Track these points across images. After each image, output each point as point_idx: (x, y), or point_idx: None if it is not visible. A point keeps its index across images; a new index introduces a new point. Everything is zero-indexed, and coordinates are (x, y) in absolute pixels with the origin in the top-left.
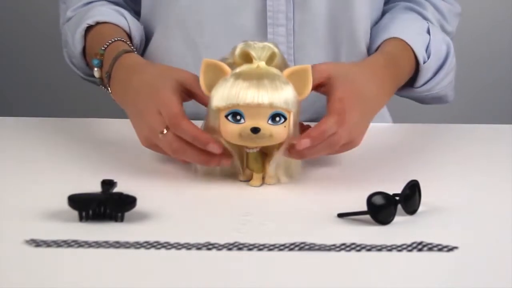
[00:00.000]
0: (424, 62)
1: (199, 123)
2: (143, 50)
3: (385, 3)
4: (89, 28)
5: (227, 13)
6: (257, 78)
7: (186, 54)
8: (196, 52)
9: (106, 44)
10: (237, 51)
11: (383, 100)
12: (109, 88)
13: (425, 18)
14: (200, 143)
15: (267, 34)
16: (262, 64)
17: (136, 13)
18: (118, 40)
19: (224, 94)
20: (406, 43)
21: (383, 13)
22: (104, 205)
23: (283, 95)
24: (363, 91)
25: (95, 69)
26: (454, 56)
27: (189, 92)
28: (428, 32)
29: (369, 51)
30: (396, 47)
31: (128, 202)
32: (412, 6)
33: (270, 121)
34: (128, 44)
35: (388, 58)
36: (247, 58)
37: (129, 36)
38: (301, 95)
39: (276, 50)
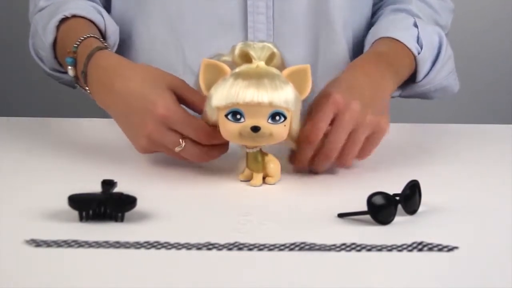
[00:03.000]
0: (419, 53)
1: None
2: (125, 39)
3: (373, 15)
4: (63, 21)
5: (208, 0)
6: (256, 77)
7: (168, 42)
8: (177, 39)
9: (78, 41)
10: (237, 51)
11: (386, 86)
12: (87, 88)
13: (412, 14)
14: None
15: (247, 22)
16: (262, 64)
17: (107, 9)
18: (90, 36)
19: (223, 94)
20: (395, 39)
21: (372, 24)
22: (104, 205)
23: (283, 94)
24: (356, 85)
25: (69, 67)
26: (448, 45)
27: (180, 99)
28: (416, 25)
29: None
30: (385, 44)
31: (128, 202)
32: (398, 7)
33: (270, 120)
34: (100, 41)
35: (377, 55)
36: (246, 58)
37: (104, 36)
38: (300, 94)
39: (275, 50)
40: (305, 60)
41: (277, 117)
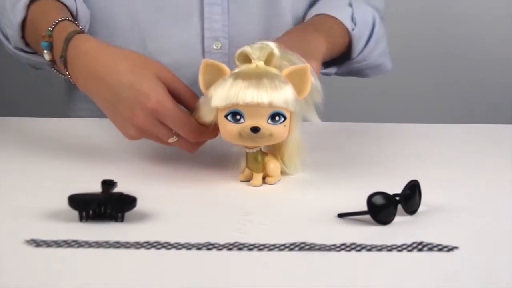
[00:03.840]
0: (353, 30)
1: None
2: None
3: None
4: (33, 1)
5: None
6: (256, 77)
7: (131, 31)
8: (139, 29)
9: (53, 25)
10: (237, 52)
11: (313, 37)
12: (67, 73)
13: None
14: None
15: (204, 13)
16: (261, 63)
17: None
18: (64, 19)
19: (223, 94)
20: (331, 16)
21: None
22: (104, 205)
23: (283, 95)
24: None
25: (45, 51)
26: (381, 25)
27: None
28: (350, 5)
29: None
30: (320, 18)
31: (128, 202)
32: None
33: (269, 121)
34: (76, 24)
35: (307, 23)
36: (245, 58)
37: (75, 19)
38: (300, 94)
39: (274, 50)
40: None
41: (277, 118)
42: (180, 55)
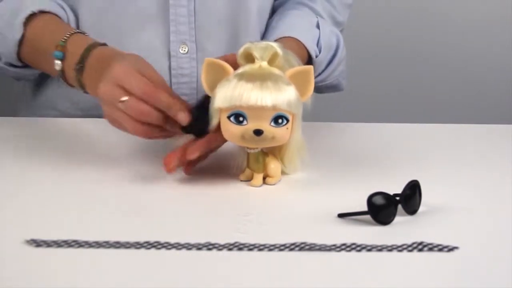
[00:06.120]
0: (316, 56)
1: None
2: None
3: None
4: (30, 17)
5: None
6: (260, 79)
7: (93, 36)
8: (101, 35)
9: (66, 36)
10: (240, 50)
11: None
12: (81, 80)
13: (314, 11)
14: (174, 110)
15: (169, 15)
16: (264, 64)
17: None
18: (77, 32)
19: (227, 95)
20: (298, 40)
21: (275, 7)
22: None
23: (286, 97)
24: None
25: (56, 61)
26: (344, 47)
27: None
28: (318, 26)
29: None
30: (287, 44)
31: None
32: (302, 1)
33: (272, 123)
34: (86, 35)
35: None
36: (249, 58)
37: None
38: (303, 96)
39: (278, 50)
40: (228, 51)
41: (280, 120)
42: None
